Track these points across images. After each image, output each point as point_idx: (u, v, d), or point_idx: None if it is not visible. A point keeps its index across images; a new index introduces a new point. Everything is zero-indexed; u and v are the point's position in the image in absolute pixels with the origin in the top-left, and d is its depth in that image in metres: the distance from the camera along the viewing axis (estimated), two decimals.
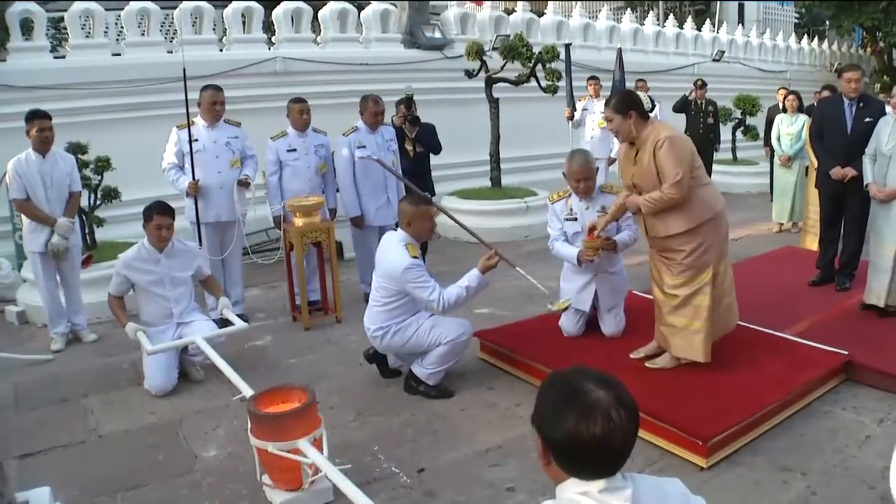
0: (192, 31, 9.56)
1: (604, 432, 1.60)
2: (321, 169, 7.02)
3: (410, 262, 4.73)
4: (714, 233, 4.65)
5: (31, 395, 5.31)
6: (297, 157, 6.87)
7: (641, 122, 4.61)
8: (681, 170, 4.44)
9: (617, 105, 4.64)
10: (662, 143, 4.47)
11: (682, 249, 4.67)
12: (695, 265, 4.66)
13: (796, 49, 19.14)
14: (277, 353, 5.97)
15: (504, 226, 8.76)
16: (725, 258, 4.78)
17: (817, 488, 3.75)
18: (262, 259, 7.44)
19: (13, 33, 8.55)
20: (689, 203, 4.55)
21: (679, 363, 4.87)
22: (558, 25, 13.35)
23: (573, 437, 1.61)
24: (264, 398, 3.85)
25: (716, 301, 4.71)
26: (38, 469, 4.21)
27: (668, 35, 15.57)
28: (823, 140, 6.79)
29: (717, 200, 4.68)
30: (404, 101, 7.70)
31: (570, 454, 1.65)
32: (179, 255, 5.50)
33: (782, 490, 3.75)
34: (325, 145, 7.09)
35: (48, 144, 6.00)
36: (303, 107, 6.89)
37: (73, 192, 6.22)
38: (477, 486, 3.89)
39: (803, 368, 4.81)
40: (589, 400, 1.63)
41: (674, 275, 4.77)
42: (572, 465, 1.67)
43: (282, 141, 6.87)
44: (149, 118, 8.42)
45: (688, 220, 4.58)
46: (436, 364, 4.91)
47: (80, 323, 6.39)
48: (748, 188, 12.98)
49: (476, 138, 10.42)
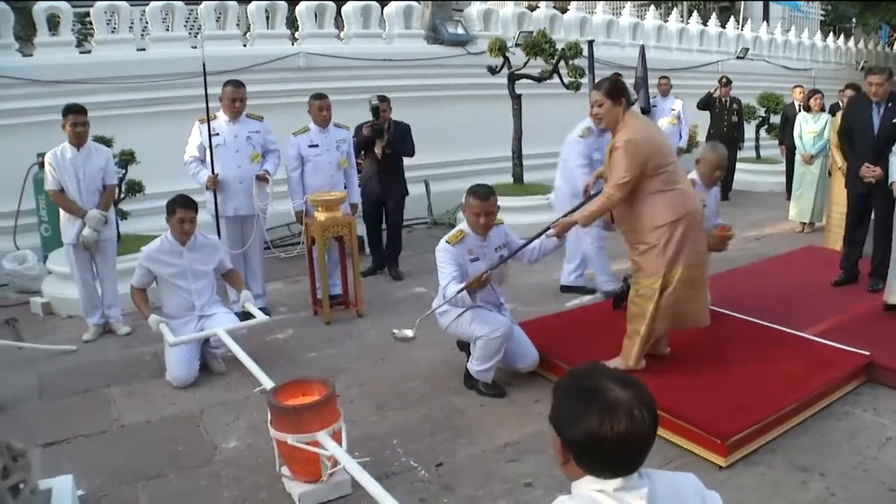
0: (215, 26, 9.61)
1: (626, 431, 1.61)
2: (342, 164, 7.05)
3: (442, 245, 4.88)
4: (670, 237, 4.54)
5: (54, 385, 5.38)
6: (319, 153, 6.91)
7: (626, 115, 4.61)
8: (630, 175, 4.46)
9: (609, 90, 4.61)
10: (622, 144, 4.48)
11: (635, 248, 4.70)
12: (646, 267, 4.64)
13: (822, 47, 18.94)
14: (298, 347, 6.01)
15: (526, 222, 8.72)
16: (679, 269, 4.57)
17: (836, 489, 3.73)
18: (283, 253, 7.47)
19: (40, 29, 8.64)
20: (651, 203, 4.55)
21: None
22: (581, 22, 13.29)
23: (595, 436, 1.61)
24: (285, 391, 3.88)
25: (660, 311, 4.64)
26: (61, 457, 4.28)
27: (692, 32, 15.46)
28: (852, 140, 6.74)
29: (682, 206, 4.55)
30: (372, 112, 7.45)
31: (591, 452, 1.66)
32: (202, 249, 5.55)
33: (801, 490, 3.74)
34: (347, 140, 7.13)
35: (82, 138, 6.07)
36: (322, 103, 6.92)
37: (108, 185, 6.26)
38: (494, 481, 3.91)
39: (824, 369, 4.79)
40: (611, 398, 1.63)
41: (632, 271, 4.81)
42: (592, 464, 1.68)
43: (303, 136, 6.92)
44: (173, 112, 8.47)
45: (645, 221, 4.58)
46: (479, 360, 4.90)
47: (114, 315, 6.45)
48: (771, 187, 12.88)
49: (498, 134, 10.39)
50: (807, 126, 9.60)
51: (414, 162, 8.46)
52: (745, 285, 6.84)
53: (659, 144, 4.60)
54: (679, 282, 4.58)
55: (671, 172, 4.57)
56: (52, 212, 7.58)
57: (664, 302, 4.61)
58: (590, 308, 6.58)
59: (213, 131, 6.37)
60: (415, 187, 9.75)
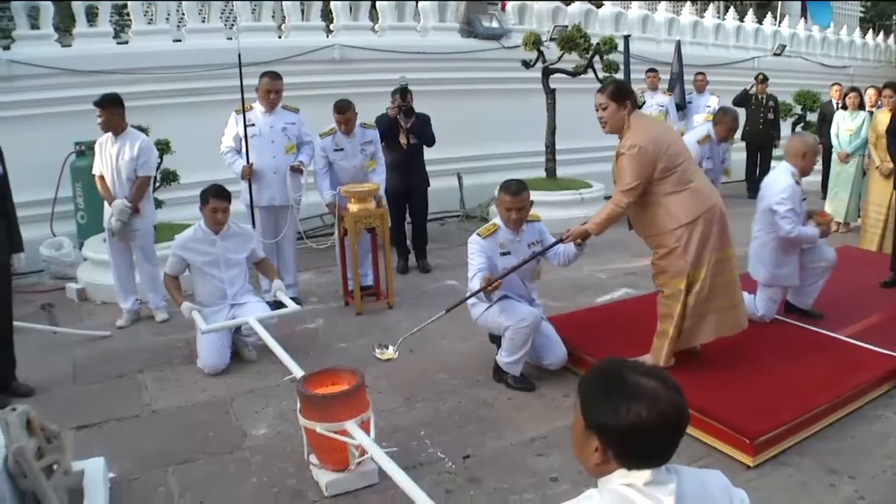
0: (251, 17, 9.68)
1: (672, 416, 1.63)
2: (368, 167, 7.03)
3: (473, 237, 4.93)
4: (689, 237, 4.49)
5: (88, 370, 5.47)
6: (344, 157, 6.92)
7: (632, 117, 4.53)
8: (637, 181, 4.41)
9: (614, 92, 4.52)
10: (629, 150, 4.41)
11: (656, 251, 4.65)
12: (669, 269, 4.59)
13: (860, 44, 18.65)
14: (328, 337, 6.05)
15: (559, 217, 8.71)
16: (704, 267, 4.53)
17: (865, 493, 3.69)
18: (316, 244, 7.51)
19: (78, 20, 8.76)
20: (666, 206, 4.49)
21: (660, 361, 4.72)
22: (616, 17, 13.21)
23: (643, 425, 1.61)
24: (314, 379, 3.92)
25: (690, 311, 4.60)
26: (93, 440, 4.36)
27: (729, 28, 15.29)
28: None
29: (698, 205, 4.49)
30: (399, 92, 7.54)
31: (636, 443, 1.64)
32: (235, 238, 5.60)
33: (829, 493, 3.70)
34: (374, 141, 7.08)
35: (110, 128, 6.14)
36: (342, 118, 6.78)
37: (140, 176, 6.25)
38: (521, 474, 3.91)
39: (856, 370, 4.73)
40: (647, 387, 1.64)
41: (654, 273, 4.76)
42: (632, 454, 1.66)
43: (329, 139, 6.87)
44: (208, 103, 8.54)
45: (661, 225, 4.53)
46: (507, 352, 4.89)
47: (153, 301, 6.52)
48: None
49: (532, 129, 10.37)
50: (844, 124, 9.49)
51: (447, 155, 8.48)
52: None
53: (667, 144, 4.49)
54: (701, 283, 4.54)
55: (683, 172, 4.50)
56: (88, 199, 7.71)
57: (691, 300, 4.56)
58: (619, 304, 6.56)
59: (249, 122, 6.42)
60: (447, 180, 9.78)
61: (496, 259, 4.91)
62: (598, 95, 4.59)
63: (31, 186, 7.47)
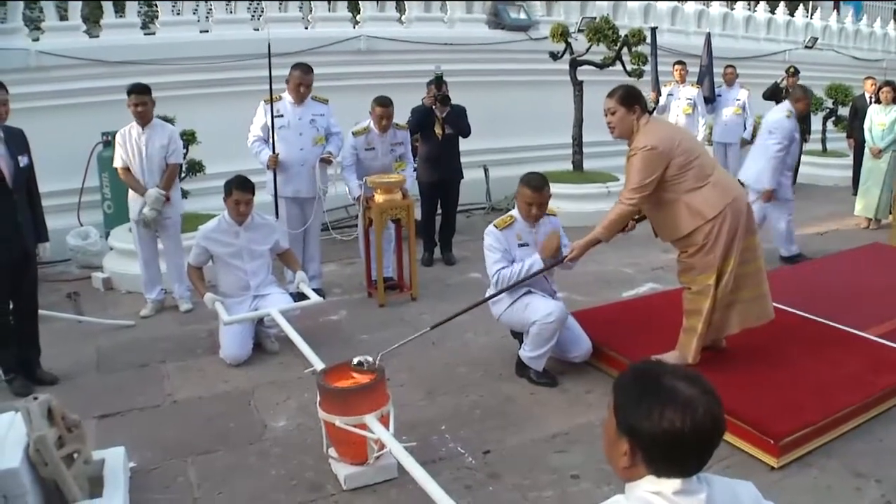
0: (277, 8, 9.69)
1: (709, 428, 1.58)
2: (396, 168, 7.03)
3: (490, 228, 4.93)
4: (717, 232, 4.41)
5: (112, 359, 5.50)
6: (375, 157, 6.90)
7: (642, 121, 4.49)
8: (646, 180, 4.37)
9: (623, 97, 4.49)
10: (638, 152, 4.38)
11: (685, 250, 4.58)
12: (697, 265, 4.52)
13: (894, 37, 18.35)
14: (351, 329, 6.05)
15: (585, 210, 8.66)
16: (732, 260, 4.47)
17: (892, 497, 3.62)
18: (341, 235, 7.51)
19: (106, 11, 8.81)
20: (687, 203, 4.42)
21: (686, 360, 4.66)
22: (645, 8, 13.08)
23: (677, 433, 1.56)
24: (334, 372, 3.91)
25: (718, 303, 4.53)
26: (114, 429, 4.38)
27: (759, 20, 15.10)
28: None
29: (720, 199, 4.40)
30: (434, 82, 7.52)
31: (668, 451, 1.59)
32: (258, 229, 5.60)
33: (855, 497, 3.64)
34: (405, 143, 7.06)
35: (144, 117, 6.15)
36: (384, 111, 6.72)
37: (170, 164, 6.29)
38: (541, 471, 3.88)
39: (885, 371, 4.64)
40: (687, 395, 1.59)
41: (680, 271, 4.70)
42: (663, 463, 1.61)
43: (362, 139, 6.82)
44: (234, 94, 8.56)
45: (687, 223, 4.45)
46: (532, 347, 4.86)
47: (178, 291, 6.56)
48: (836, 181, 12.53)
49: (559, 121, 10.30)
50: (877, 119, 9.32)
51: (473, 147, 8.43)
52: (806, 281, 6.68)
53: (678, 141, 4.43)
54: (729, 274, 4.47)
55: (701, 166, 4.43)
56: (115, 189, 7.74)
57: (720, 294, 4.50)
58: (644, 299, 6.50)
59: (278, 112, 6.40)
60: (474, 172, 9.74)
61: (514, 250, 4.91)
62: (606, 100, 4.58)
63: (58, 176, 7.51)
